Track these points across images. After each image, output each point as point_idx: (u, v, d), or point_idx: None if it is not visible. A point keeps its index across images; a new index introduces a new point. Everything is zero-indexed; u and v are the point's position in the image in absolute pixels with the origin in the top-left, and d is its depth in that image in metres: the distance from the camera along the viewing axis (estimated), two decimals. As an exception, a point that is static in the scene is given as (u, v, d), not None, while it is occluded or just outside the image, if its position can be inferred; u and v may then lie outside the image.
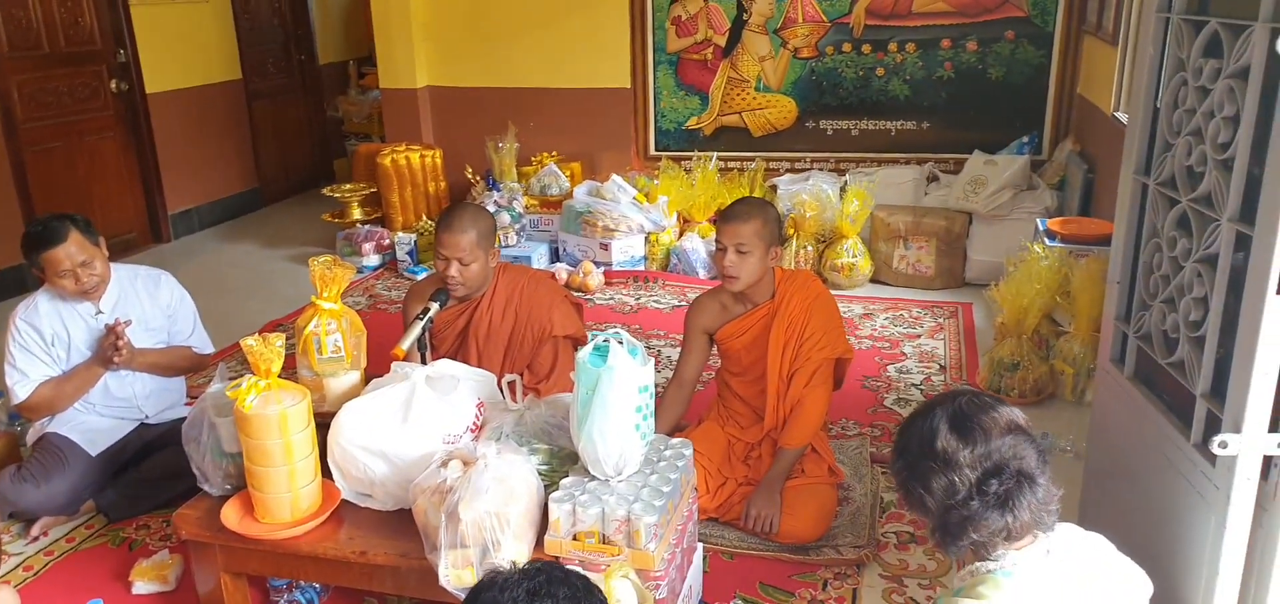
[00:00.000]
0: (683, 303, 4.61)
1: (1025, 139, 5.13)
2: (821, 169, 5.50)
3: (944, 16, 5.14)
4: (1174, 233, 1.94)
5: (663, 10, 5.53)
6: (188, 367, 3.10)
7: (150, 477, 2.94)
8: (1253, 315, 1.55)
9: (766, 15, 5.41)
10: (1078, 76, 4.98)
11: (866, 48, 5.31)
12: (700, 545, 2.39)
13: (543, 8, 5.67)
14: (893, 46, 5.26)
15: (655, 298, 4.73)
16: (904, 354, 3.91)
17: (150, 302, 2.98)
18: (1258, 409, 1.52)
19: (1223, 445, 1.54)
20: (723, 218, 2.74)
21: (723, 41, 5.52)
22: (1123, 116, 4.00)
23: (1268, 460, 1.56)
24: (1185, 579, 1.76)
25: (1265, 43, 1.70)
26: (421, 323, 2.76)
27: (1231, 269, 1.72)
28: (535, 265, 5.03)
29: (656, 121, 5.76)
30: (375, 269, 5.30)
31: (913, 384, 3.62)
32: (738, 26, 5.48)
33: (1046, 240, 3.71)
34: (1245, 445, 1.54)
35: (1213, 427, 1.66)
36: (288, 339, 2.30)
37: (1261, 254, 1.57)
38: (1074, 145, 4.83)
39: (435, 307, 2.85)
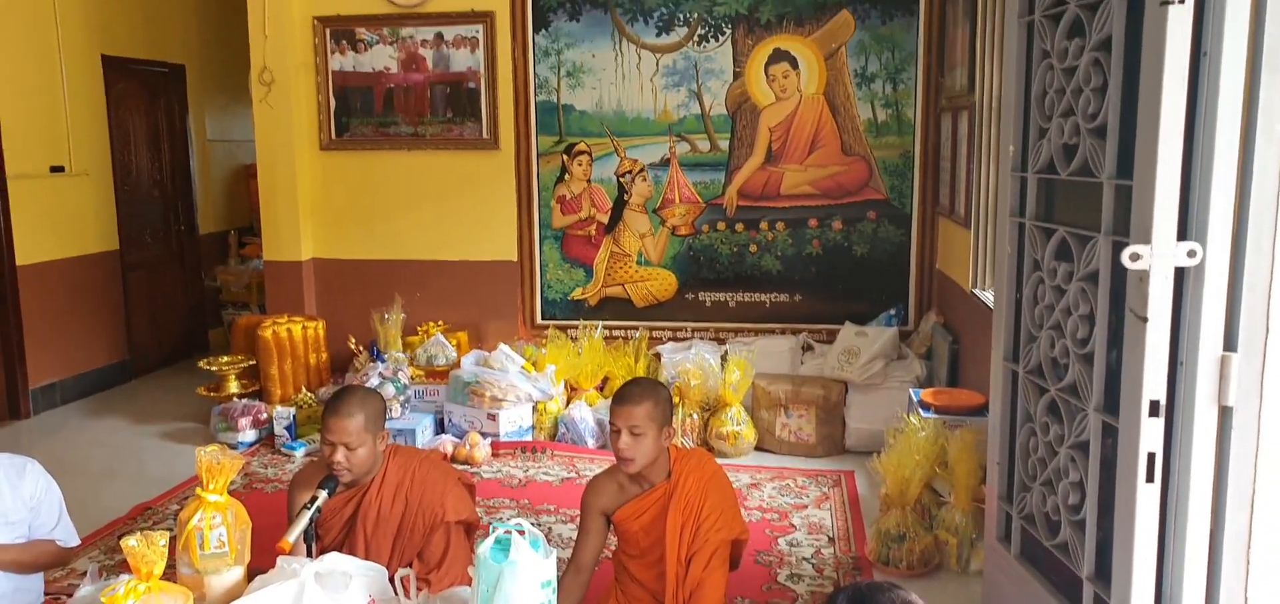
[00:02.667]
0: (572, 475, 4.58)
1: (892, 311, 5.46)
2: (702, 338, 5.67)
3: (810, 198, 5.50)
4: (1046, 419, 2.10)
5: (548, 190, 5.71)
6: (50, 563, 2.83)
7: (3, 691, 2.63)
8: (1127, 503, 1.68)
9: (646, 196, 5.65)
10: (936, 254, 5.38)
11: (739, 226, 5.60)
12: None
13: (431, 185, 5.76)
14: (764, 225, 5.57)
15: (544, 470, 4.68)
16: (793, 526, 3.98)
17: (12, 493, 2.73)
18: (1141, 594, 1.63)
19: (1112, 630, 1.64)
20: (615, 400, 2.78)
21: (605, 219, 5.72)
22: (980, 294, 4.33)
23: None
24: None
25: (1109, 253, 1.91)
26: (309, 513, 2.64)
27: (1102, 455, 1.87)
28: (419, 439, 4.91)
29: (543, 292, 5.84)
30: (251, 445, 5.05)
31: (804, 558, 3.68)
32: (619, 206, 5.69)
33: (921, 411, 3.92)
34: (1131, 628, 1.64)
35: (1099, 608, 1.77)
36: (170, 535, 2.16)
37: (1128, 444, 1.72)
38: (938, 318, 5.17)
39: (324, 495, 2.73)
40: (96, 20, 6.23)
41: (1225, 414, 1.72)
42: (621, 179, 5.66)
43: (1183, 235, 1.75)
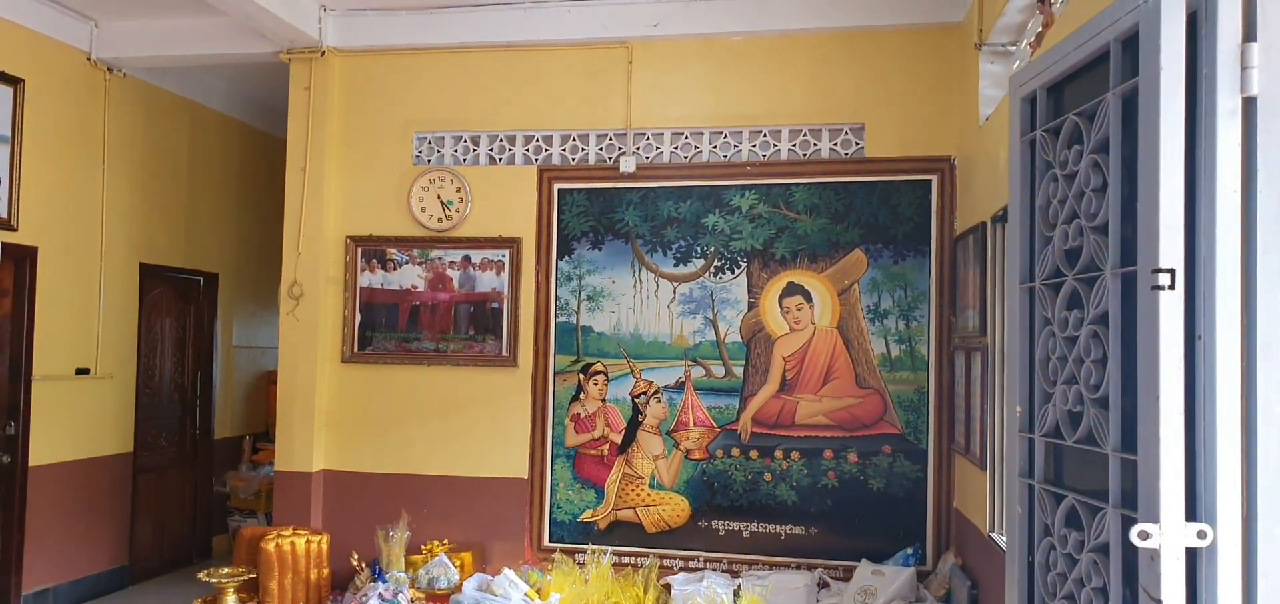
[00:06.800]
0: (573, 716, 4.36)
1: (909, 550, 5.31)
2: (715, 569, 5.51)
3: (825, 429, 5.48)
4: (1062, 698, 2.01)
5: (563, 408, 5.74)
6: None
7: None
8: None
9: (660, 417, 5.66)
10: (953, 492, 5.28)
11: (754, 453, 5.56)
12: None
13: (449, 399, 5.81)
14: (779, 454, 5.53)
15: (544, 709, 4.47)
16: None
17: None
18: None
19: None
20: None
21: (619, 439, 5.71)
22: (998, 539, 4.22)
23: None
24: None
25: (1119, 527, 1.87)
26: None
27: None
28: (417, 667, 4.73)
29: (552, 512, 5.76)
30: (240, 666, 4.88)
31: None
32: (633, 426, 5.70)
33: (938, 665, 3.74)
34: None
35: None
36: None
37: None
38: (957, 559, 5.01)
39: None
40: (140, 232, 6.54)
41: (1250, 706, 1.64)
42: (636, 400, 5.69)
43: (1192, 515, 1.72)
